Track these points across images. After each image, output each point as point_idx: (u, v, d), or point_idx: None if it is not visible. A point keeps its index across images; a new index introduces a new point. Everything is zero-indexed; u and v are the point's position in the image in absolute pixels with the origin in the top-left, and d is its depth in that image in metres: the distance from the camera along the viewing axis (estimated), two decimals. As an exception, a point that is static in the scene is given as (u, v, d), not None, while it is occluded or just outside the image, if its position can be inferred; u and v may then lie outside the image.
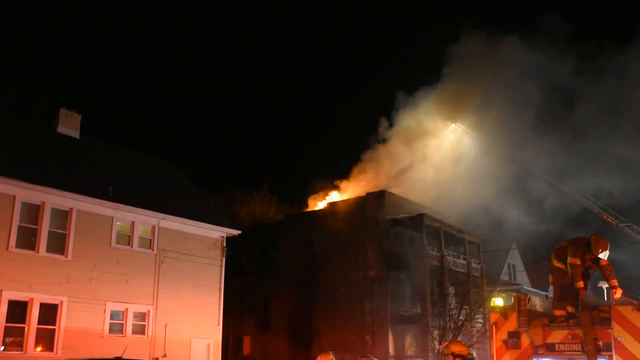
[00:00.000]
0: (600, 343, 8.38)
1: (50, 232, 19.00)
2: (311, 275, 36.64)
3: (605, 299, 8.70)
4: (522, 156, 39.25)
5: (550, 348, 8.80)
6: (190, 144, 75.48)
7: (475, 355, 12.31)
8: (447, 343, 8.40)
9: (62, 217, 19.46)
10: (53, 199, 19.08)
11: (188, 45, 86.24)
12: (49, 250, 18.89)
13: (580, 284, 8.82)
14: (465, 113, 41.59)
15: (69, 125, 23.77)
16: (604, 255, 9.11)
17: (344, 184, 44.79)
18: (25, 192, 18.43)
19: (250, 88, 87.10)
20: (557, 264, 9.28)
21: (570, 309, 8.96)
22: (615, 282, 8.71)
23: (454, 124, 42.99)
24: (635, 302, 8.30)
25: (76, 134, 23.93)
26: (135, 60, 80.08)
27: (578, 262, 8.95)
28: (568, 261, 9.04)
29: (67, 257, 19.24)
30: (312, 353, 31.02)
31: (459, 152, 41.21)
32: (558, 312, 8.94)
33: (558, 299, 9.08)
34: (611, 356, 8.25)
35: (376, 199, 36.27)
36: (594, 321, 8.51)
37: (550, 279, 9.52)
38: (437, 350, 9.07)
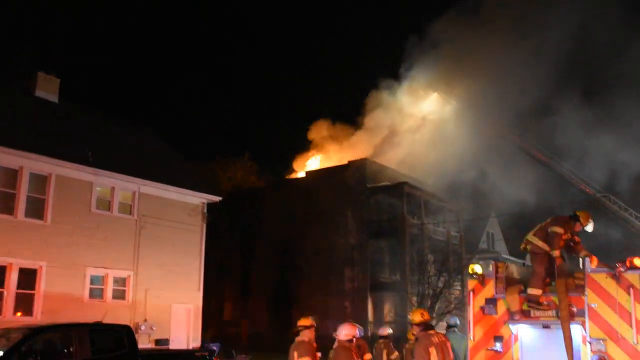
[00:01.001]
0: (574, 309, 8.54)
1: (28, 197, 18.81)
2: (292, 242, 36.82)
3: (580, 266, 8.83)
4: (502, 126, 39.43)
5: (525, 314, 8.95)
6: (171, 110, 74.78)
7: (456, 322, 12.49)
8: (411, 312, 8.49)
9: (40, 182, 19.25)
10: (31, 163, 18.85)
11: (169, 11, 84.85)
12: (27, 215, 18.73)
13: (557, 252, 8.91)
14: (447, 82, 41.56)
15: (47, 90, 23.37)
16: (590, 228, 9.27)
17: (325, 151, 44.84)
18: (3, 157, 18.18)
19: (232, 54, 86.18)
20: (540, 242, 9.14)
21: (546, 290, 8.87)
22: (586, 252, 8.87)
23: (435, 93, 42.97)
24: (609, 270, 8.44)
25: (55, 99, 23.55)
26: (115, 26, 78.69)
27: (561, 230, 9.03)
28: (550, 229, 9.06)
29: (46, 222, 19.10)
30: (293, 319, 31.34)
31: (440, 122, 41.29)
32: (534, 292, 8.90)
33: (539, 279, 8.94)
34: (584, 322, 8.42)
35: (357, 167, 36.36)
36: (568, 288, 8.65)
37: (532, 261, 9.31)
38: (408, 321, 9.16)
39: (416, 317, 8.09)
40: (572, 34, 33.59)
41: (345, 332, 8.41)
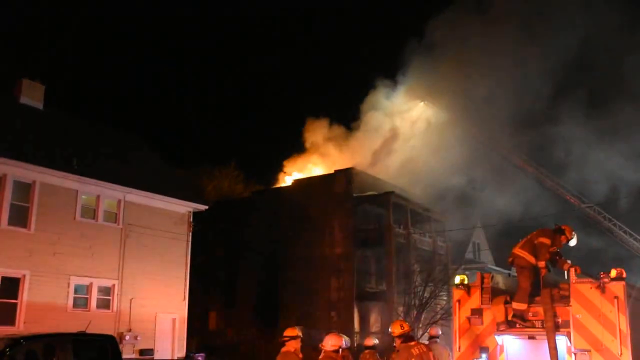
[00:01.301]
0: (559, 320, 8.58)
1: (12, 205, 18.62)
2: (278, 251, 36.74)
3: (566, 277, 8.87)
4: (488, 136, 39.72)
5: (511, 325, 8.97)
6: (157, 118, 74.47)
7: (438, 332, 12.53)
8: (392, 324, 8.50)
9: (24, 189, 19.07)
10: (15, 170, 18.67)
11: (154, 16, 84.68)
12: (10, 223, 18.53)
13: (543, 263, 8.94)
14: (435, 92, 41.83)
15: (32, 96, 23.19)
16: (574, 242, 9.34)
17: (312, 160, 44.84)
18: (-14, 164, 17.99)
19: (217, 62, 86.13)
20: (528, 256, 9.10)
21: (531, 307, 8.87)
22: (569, 264, 8.91)
23: (422, 103, 43.20)
24: (593, 281, 8.49)
25: (39, 105, 23.37)
26: (101, 33, 78.43)
27: (548, 241, 9.08)
28: (538, 241, 9.09)
29: (29, 230, 18.91)
30: (278, 329, 31.21)
31: (427, 131, 41.51)
32: (519, 306, 8.89)
33: (525, 294, 8.91)
34: (569, 333, 8.45)
35: (344, 177, 36.39)
36: (553, 299, 8.69)
37: (518, 275, 9.27)
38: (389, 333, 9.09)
39: (396, 329, 8.14)
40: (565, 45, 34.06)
41: (332, 342, 8.40)
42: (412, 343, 7.93)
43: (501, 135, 39.08)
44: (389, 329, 8.31)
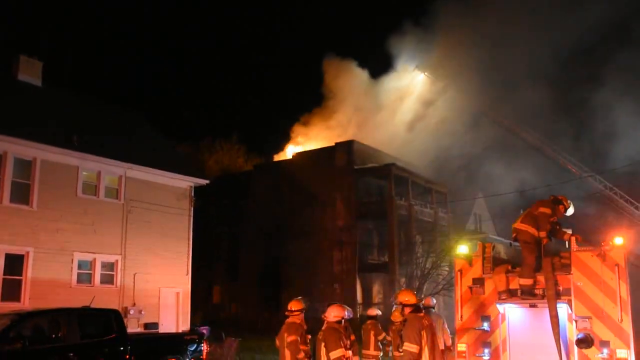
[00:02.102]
0: (561, 288, 8.63)
1: (13, 182, 18.61)
2: (280, 224, 36.85)
3: (567, 246, 8.90)
4: (489, 105, 39.58)
5: (512, 293, 9.02)
6: (157, 93, 74.17)
7: (433, 302, 12.68)
8: (397, 293, 8.50)
9: (25, 166, 19.05)
10: (16, 148, 18.63)
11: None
12: (13, 200, 18.55)
13: (544, 233, 8.95)
14: (436, 62, 41.57)
15: (30, 73, 23.04)
16: (571, 211, 9.37)
17: (312, 132, 44.77)
18: (-14, 142, 17.96)
19: (217, 35, 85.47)
20: (530, 229, 9.06)
21: (537, 279, 8.85)
22: (570, 233, 8.94)
23: (423, 74, 42.97)
24: (594, 249, 8.52)
25: (38, 82, 23.23)
26: (99, 7, 77.73)
27: (548, 211, 9.09)
28: (540, 211, 9.09)
29: (32, 207, 18.94)
30: (281, 301, 31.45)
31: (428, 103, 41.36)
32: (526, 282, 8.88)
33: (530, 269, 8.84)
34: (570, 300, 8.50)
35: (345, 149, 36.35)
36: (554, 267, 8.73)
37: (522, 250, 9.17)
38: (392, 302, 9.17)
39: (410, 297, 8.06)
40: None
41: (334, 313, 8.47)
42: (421, 314, 7.94)
43: (502, 104, 38.94)
44: (398, 299, 8.21)
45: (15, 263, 18.31)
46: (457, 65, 39.93)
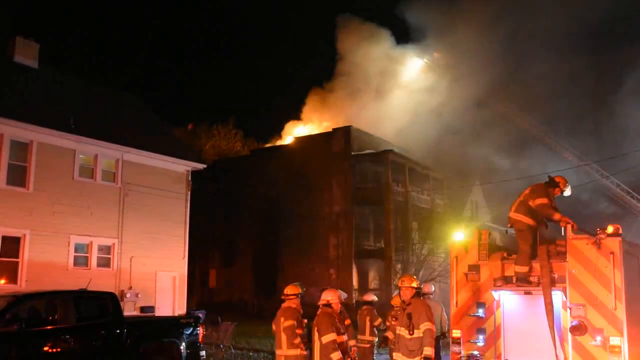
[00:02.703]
0: (556, 276, 8.67)
1: (10, 165, 18.57)
2: (277, 210, 36.90)
3: (562, 233, 8.92)
4: (489, 92, 39.48)
5: (508, 280, 9.07)
6: (155, 76, 73.87)
7: (432, 289, 12.76)
8: (402, 278, 8.58)
9: (22, 149, 19.00)
10: (12, 130, 18.57)
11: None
12: (9, 182, 18.51)
13: (557, 215, 8.84)
14: (435, 48, 41.40)
15: (27, 55, 22.88)
16: (568, 192, 9.30)
17: (309, 117, 44.70)
18: (-17, 124, 17.88)
19: (213, 19, 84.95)
20: (524, 218, 9.02)
21: (532, 265, 8.85)
22: (566, 219, 8.85)
23: (422, 60, 42.82)
24: (590, 237, 8.54)
25: (34, 64, 23.08)
26: (96, -12, 77.11)
27: (546, 200, 9.00)
28: (536, 203, 8.99)
29: (28, 189, 18.92)
30: (277, 286, 31.56)
31: (427, 88, 41.25)
32: (521, 269, 8.88)
33: (526, 256, 8.85)
34: (565, 288, 8.54)
35: (342, 135, 36.30)
36: (550, 254, 8.76)
37: (517, 238, 9.13)
38: (394, 285, 9.19)
39: (414, 282, 8.28)
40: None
41: (327, 298, 8.52)
42: (422, 299, 8.13)
43: (500, 91, 38.87)
44: (404, 284, 8.30)
45: (11, 245, 18.32)
46: (456, 52, 39.82)
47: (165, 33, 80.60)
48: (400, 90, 42.30)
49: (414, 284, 8.29)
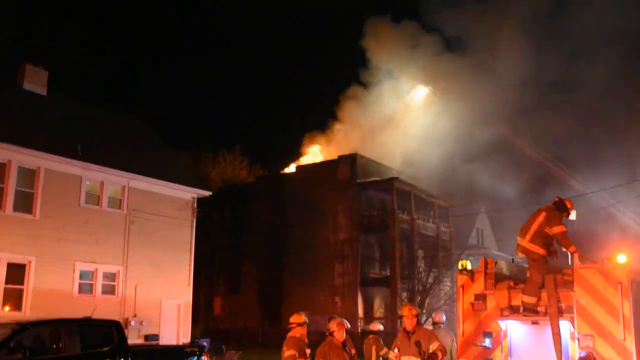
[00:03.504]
0: (563, 305, 8.59)
1: (17, 191, 18.64)
2: (282, 237, 36.83)
3: (569, 262, 8.86)
4: (491, 121, 39.54)
5: (515, 310, 8.99)
6: (161, 103, 74.46)
7: (443, 318, 12.58)
8: (404, 307, 8.54)
9: (29, 175, 19.09)
10: (19, 157, 18.68)
11: (157, 3, 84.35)
12: (16, 209, 18.55)
13: (573, 247, 8.73)
14: (439, 77, 41.60)
15: (36, 82, 23.11)
16: (574, 216, 9.22)
17: (315, 145, 44.81)
18: (-9, 150, 18.00)
19: (220, 48, 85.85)
20: (540, 250, 8.93)
21: (541, 297, 8.75)
22: (574, 247, 8.78)
23: (427, 88, 43.02)
24: (597, 266, 8.49)
25: (43, 91, 23.30)
26: (104, 17, 78.18)
27: (565, 229, 8.91)
28: (554, 231, 8.89)
29: (35, 216, 18.96)
30: (283, 314, 31.37)
31: (431, 117, 41.36)
32: (529, 299, 8.78)
33: (535, 287, 8.74)
34: (572, 318, 8.46)
35: (348, 162, 36.37)
36: (557, 284, 8.69)
37: (529, 267, 9.01)
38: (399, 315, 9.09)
39: (415, 310, 8.31)
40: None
41: (329, 326, 8.45)
42: (424, 327, 8.12)
43: (505, 120, 38.92)
44: (411, 312, 8.25)
45: (17, 272, 18.28)
46: (461, 80, 39.98)
47: (172, 60, 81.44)
48: (406, 118, 42.43)
49: (416, 312, 8.29)
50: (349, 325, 8.84)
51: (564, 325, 8.49)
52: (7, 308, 17.91)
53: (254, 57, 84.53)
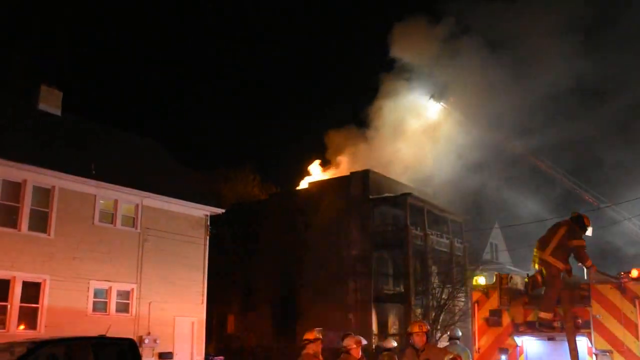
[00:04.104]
0: (580, 321, 8.51)
1: (32, 210, 18.80)
2: (295, 254, 36.74)
3: (585, 277, 8.79)
4: (505, 136, 39.50)
5: (530, 326, 8.91)
6: (173, 121, 74.96)
7: (459, 334, 12.46)
8: (413, 324, 8.41)
9: (44, 195, 19.26)
10: (34, 176, 18.87)
11: (167, 22, 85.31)
12: (31, 228, 18.70)
13: (589, 261, 8.73)
14: (452, 92, 41.67)
15: (50, 103, 23.42)
16: (590, 232, 9.20)
17: (327, 162, 44.86)
18: (7, 170, 18.18)
19: (235, 63, 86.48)
20: (560, 264, 8.89)
21: (557, 314, 8.66)
22: (591, 261, 8.77)
23: (440, 103, 43.06)
24: (613, 281, 8.41)
25: (57, 111, 23.60)
26: (118, 38, 79.10)
27: (584, 243, 8.91)
28: (574, 244, 8.87)
29: (49, 235, 19.09)
30: (297, 331, 31.24)
31: (444, 132, 41.37)
32: (546, 315, 8.70)
33: (552, 302, 8.71)
34: (589, 333, 8.37)
35: (360, 178, 36.34)
36: (573, 299, 8.61)
37: (541, 278, 8.97)
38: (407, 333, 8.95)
39: (425, 327, 8.13)
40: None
41: (346, 343, 8.43)
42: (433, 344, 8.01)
43: (518, 136, 38.87)
44: (422, 329, 8.12)
45: (31, 291, 18.39)
46: (474, 96, 40.00)
47: (185, 79, 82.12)
48: (419, 133, 42.43)
49: (426, 329, 8.14)
50: (365, 342, 8.80)
51: (581, 341, 8.40)
52: (22, 326, 17.99)
53: (265, 75, 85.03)
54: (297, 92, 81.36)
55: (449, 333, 11.29)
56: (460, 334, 12.47)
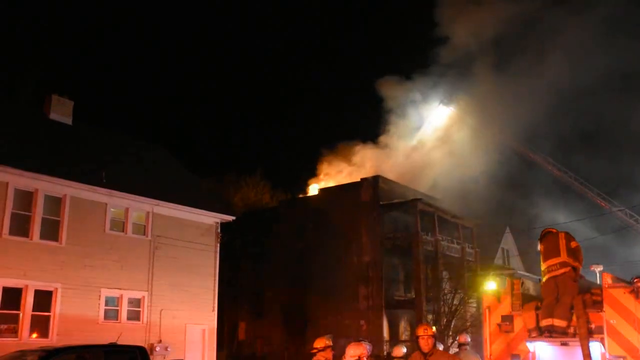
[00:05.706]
0: (593, 326, 8.41)
1: (43, 219, 18.91)
2: (305, 260, 36.71)
3: (598, 282, 8.69)
4: (516, 140, 39.35)
5: (543, 331, 8.82)
6: (183, 129, 75.20)
7: (468, 339, 12.40)
8: (419, 327, 8.39)
9: (55, 203, 19.37)
10: (46, 185, 18.98)
11: (179, 30, 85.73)
12: (42, 237, 18.81)
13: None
14: (462, 98, 41.62)
15: (61, 112, 23.60)
16: None
17: (337, 169, 44.85)
18: (18, 179, 18.31)
19: (243, 72, 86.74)
20: (575, 262, 8.86)
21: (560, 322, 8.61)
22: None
23: (450, 108, 43.01)
24: (627, 286, 8.32)
25: (69, 121, 23.77)
26: (126, 46, 79.57)
27: (579, 245, 9.03)
28: (575, 244, 8.95)
29: (61, 243, 19.19)
30: (307, 338, 31.16)
31: (454, 137, 41.30)
32: (560, 323, 8.62)
33: (567, 309, 8.52)
34: (603, 339, 8.28)
35: (370, 185, 36.30)
36: (586, 304, 8.52)
37: (562, 288, 8.85)
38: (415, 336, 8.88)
39: (432, 330, 8.10)
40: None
41: (352, 352, 8.22)
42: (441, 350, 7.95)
43: (530, 140, 38.72)
44: (427, 332, 8.05)
45: (43, 299, 18.47)
46: (484, 100, 39.93)
47: (195, 87, 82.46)
48: (429, 138, 42.38)
49: (432, 332, 8.05)
50: (370, 347, 8.68)
51: (595, 347, 8.30)
52: (34, 335, 18.07)
53: (275, 82, 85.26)
54: (307, 99, 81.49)
55: (458, 339, 11.21)
56: (469, 339, 12.38)
